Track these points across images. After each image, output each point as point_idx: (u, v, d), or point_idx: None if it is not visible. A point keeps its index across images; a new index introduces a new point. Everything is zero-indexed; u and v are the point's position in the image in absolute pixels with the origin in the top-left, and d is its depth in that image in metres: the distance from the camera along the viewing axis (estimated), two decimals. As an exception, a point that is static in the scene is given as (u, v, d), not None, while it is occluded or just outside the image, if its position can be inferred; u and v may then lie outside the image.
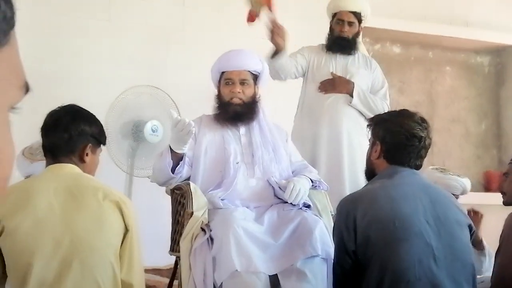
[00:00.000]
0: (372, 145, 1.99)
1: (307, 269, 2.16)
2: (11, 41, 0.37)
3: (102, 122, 2.03)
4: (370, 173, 2.01)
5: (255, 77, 2.63)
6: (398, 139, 1.90)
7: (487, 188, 5.30)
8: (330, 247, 2.19)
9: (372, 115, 2.97)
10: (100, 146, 1.90)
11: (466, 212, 1.94)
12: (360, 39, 3.44)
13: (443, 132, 5.39)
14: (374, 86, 3.38)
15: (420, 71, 5.38)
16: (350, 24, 3.29)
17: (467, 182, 2.78)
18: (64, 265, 1.63)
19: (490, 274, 2.74)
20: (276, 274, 2.17)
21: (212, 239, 2.23)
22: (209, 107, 2.92)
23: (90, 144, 1.82)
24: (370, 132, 2.03)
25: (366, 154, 2.06)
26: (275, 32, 2.89)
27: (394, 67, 5.30)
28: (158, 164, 2.46)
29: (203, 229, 2.28)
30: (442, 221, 1.79)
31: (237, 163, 2.52)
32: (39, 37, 3.60)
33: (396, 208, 1.77)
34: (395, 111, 2.01)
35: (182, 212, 2.42)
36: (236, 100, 2.58)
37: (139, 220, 2.03)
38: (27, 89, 0.40)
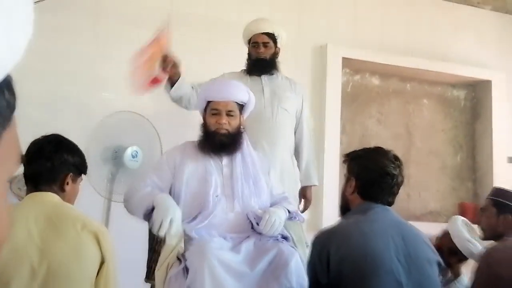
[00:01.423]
0: (347, 180, 2.05)
1: (282, 301, 2.19)
2: (12, 122, 0.41)
3: (83, 147, 2.06)
4: (345, 208, 2.07)
5: (241, 107, 2.68)
6: (372, 176, 1.96)
7: (461, 219, 5.39)
8: (304, 280, 2.21)
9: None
10: (80, 175, 1.93)
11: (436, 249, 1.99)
12: (279, 60, 3.47)
13: (420, 164, 5.49)
14: (298, 112, 3.46)
15: (398, 103, 5.50)
16: (265, 45, 3.38)
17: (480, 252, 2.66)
18: (40, 293, 1.64)
19: None
20: (250, 305, 2.20)
21: (187, 269, 2.25)
22: (190, 133, 2.95)
23: (71, 174, 1.85)
24: (345, 167, 2.09)
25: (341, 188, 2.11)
26: (168, 64, 2.96)
27: (373, 98, 5.40)
28: (136, 203, 2.49)
29: (178, 259, 2.30)
30: (413, 258, 1.84)
31: (217, 196, 2.54)
32: (21, 60, 3.62)
33: (368, 244, 1.82)
34: (370, 148, 2.07)
35: (158, 240, 2.44)
36: (222, 131, 2.60)
37: (116, 246, 2.04)
38: (21, 160, 0.44)
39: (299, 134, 3.44)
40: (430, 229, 4.67)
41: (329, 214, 4.44)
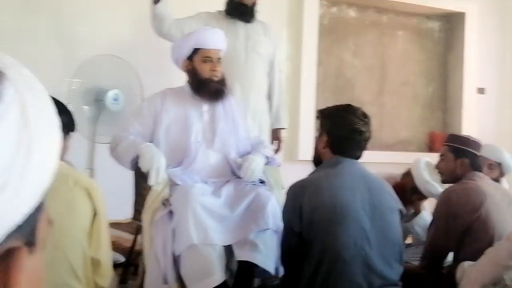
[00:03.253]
0: (319, 136, 2.20)
1: (259, 240, 2.38)
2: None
3: (64, 90, 2.10)
4: (317, 161, 2.24)
5: None
6: (342, 132, 2.12)
7: (431, 148, 5.65)
8: (280, 221, 2.41)
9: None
10: (69, 133, 2.04)
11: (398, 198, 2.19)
12: (257, 7, 3.49)
13: (393, 94, 5.66)
14: (272, 56, 3.53)
15: (374, 35, 5.57)
16: None
17: (440, 192, 2.82)
18: (38, 247, 1.80)
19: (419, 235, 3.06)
20: (231, 245, 2.40)
21: (172, 213, 2.43)
22: (170, 78, 3.04)
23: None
24: (318, 123, 2.23)
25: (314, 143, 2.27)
26: None
27: (350, 30, 5.47)
28: (121, 154, 2.62)
29: (164, 203, 2.47)
30: (376, 207, 2.04)
31: (198, 142, 2.69)
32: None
33: (336, 196, 2.01)
34: (340, 106, 2.21)
35: (143, 185, 2.60)
36: (215, 78, 2.72)
37: (102, 185, 2.18)
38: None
39: (271, 78, 3.53)
40: (400, 159, 4.92)
41: (305, 143, 4.61)
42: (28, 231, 0.50)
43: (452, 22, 5.74)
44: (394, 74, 5.65)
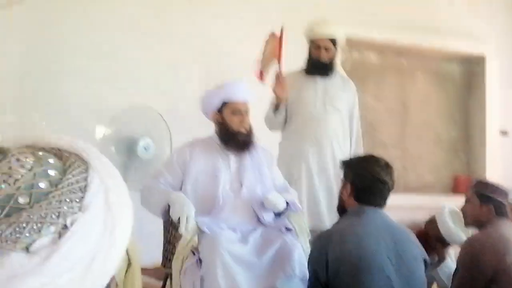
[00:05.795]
0: (343, 185, 2.28)
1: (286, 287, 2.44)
2: None
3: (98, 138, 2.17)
4: (341, 209, 2.31)
5: None
6: (366, 182, 2.19)
7: (455, 190, 5.65)
8: (307, 268, 2.46)
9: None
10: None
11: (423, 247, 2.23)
12: (336, 61, 3.65)
13: (415, 137, 5.70)
14: (351, 109, 3.63)
15: (395, 78, 5.66)
16: (327, 49, 3.49)
17: (464, 240, 2.86)
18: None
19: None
20: (259, 292, 2.45)
21: (201, 260, 2.50)
22: (200, 128, 3.17)
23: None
24: (342, 173, 2.31)
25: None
26: (278, 84, 3.27)
27: (371, 74, 5.56)
28: (152, 203, 2.73)
29: (192, 251, 2.55)
30: (402, 257, 2.09)
31: (226, 191, 2.77)
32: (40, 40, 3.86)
33: (362, 246, 2.07)
34: (364, 157, 2.29)
35: (173, 233, 2.69)
36: (243, 130, 2.83)
37: (132, 230, 2.25)
38: None
39: (350, 129, 3.59)
40: (425, 202, 4.93)
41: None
42: None
43: (472, 64, 5.81)
44: (415, 117, 5.71)
